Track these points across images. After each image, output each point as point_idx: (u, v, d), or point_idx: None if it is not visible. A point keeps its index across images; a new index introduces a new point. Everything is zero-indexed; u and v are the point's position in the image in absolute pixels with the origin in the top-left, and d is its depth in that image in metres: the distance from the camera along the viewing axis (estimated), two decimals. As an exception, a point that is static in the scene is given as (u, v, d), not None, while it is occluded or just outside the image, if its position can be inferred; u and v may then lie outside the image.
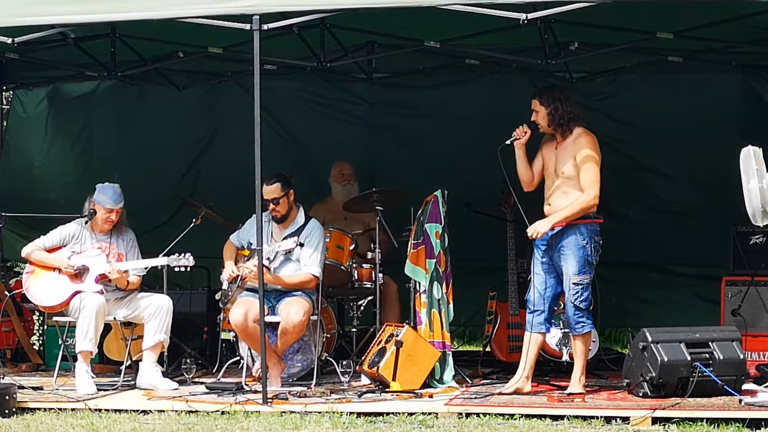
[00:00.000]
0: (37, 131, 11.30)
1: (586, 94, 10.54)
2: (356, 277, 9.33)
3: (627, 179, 10.48)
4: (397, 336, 8.31)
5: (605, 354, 9.41)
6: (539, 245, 8.01)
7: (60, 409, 7.68)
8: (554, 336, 8.91)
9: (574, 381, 7.97)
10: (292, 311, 8.38)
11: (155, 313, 8.57)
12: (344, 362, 8.51)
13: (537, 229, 7.84)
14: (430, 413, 7.32)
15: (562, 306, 8.22)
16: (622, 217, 10.38)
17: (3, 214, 9.06)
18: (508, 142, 8.03)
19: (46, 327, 10.00)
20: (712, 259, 10.04)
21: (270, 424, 7.15)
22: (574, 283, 7.87)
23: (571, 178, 7.90)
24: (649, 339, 7.70)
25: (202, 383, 8.56)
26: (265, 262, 8.16)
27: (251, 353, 8.69)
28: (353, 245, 9.27)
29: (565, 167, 7.91)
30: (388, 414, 7.36)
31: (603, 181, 7.93)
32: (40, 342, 10.37)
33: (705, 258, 10.19)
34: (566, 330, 8.44)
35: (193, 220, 9.41)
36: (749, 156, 7.23)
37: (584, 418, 7.13)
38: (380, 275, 9.13)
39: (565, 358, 8.79)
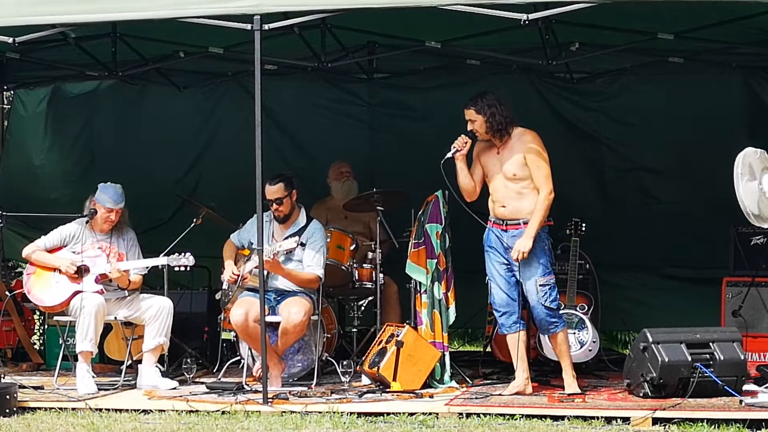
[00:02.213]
0: (38, 131, 11.30)
1: (587, 95, 10.56)
2: (357, 277, 9.33)
3: (627, 180, 10.48)
4: (397, 336, 8.32)
5: (606, 355, 9.41)
6: (494, 249, 7.99)
7: (61, 409, 7.68)
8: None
9: (568, 380, 7.98)
10: (293, 311, 8.39)
11: (156, 316, 8.58)
12: (345, 362, 8.51)
13: (521, 249, 7.78)
14: (430, 413, 7.32)
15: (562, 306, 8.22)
16: (623, 219, 10.40)
17: (4, 213, 9.06)
18: (449, 155, 7.97)
19: (46, 327, 10.00)
20: (713, 260, 10.04)
21: (270, 424, 7.15)
22: (541, 285, 7.86)
23: (523, 178, 7.89)
24: (650, 339, 7.70)
25: (202, 383, 8.56)
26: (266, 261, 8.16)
27: (252, 353, 8.69)
28: (353, 245, 9.28)
29: (514, 169, 7.89)
30: (388, 414, 7.37)
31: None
32: (41, 341, 10.37)
33: (705, 259, 10.19)
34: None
35: (194, 219, 9.42)
36: (747, 157, 7.24)
37: (585, 418, 7.13)
38: (381, 275, 9.13)
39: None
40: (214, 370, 9.19)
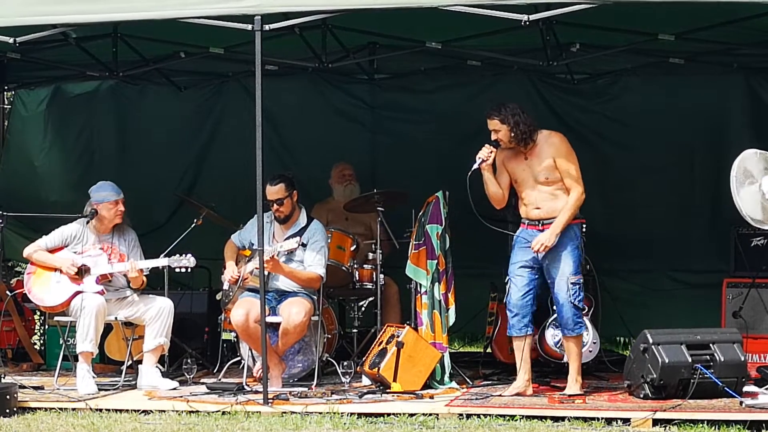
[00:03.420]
0: (39, 131, 11.31)
1: (588, 96, 10.56)
2: (357, 278, 9.33)
3: (627, 181, 10.48)
4: (398, 337, 8.32)
5: (606, 356, 9.41)
6: (523, 246, 7.99)
7: (61, 409, 7.68)
8: (555, 337, 8.91)
9: (572, 382, 7.98)
10: (293, 312, 8.39)
11: (156, 316, 8.57)
12: (345, 363, 8.51)
13: (543, 242, 7.80)
14: (430, 414, 7.32)
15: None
16: (623, 220, 10.40)
17: (4, 213, 9.06)
18: (475, 166, 7.94)
19: (47, 327, 9.99)
20: (714, 261, 10.04)
21: (271, 424, 7.15)
22: (572, 283, 7.87)
23: (555, 181, 7.90)
24: (650, 340, 7.70)
25: (203, 383, 8.56)
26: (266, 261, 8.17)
27: (252, 353, 8.69)
28: (354, 246, 9.28)
29: (546, 173, 7.89)
30: (388, 415, 7.36)
31: None
32: (42, 342, 10.37)
33: (706, 260, 10.19)
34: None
35: (194, 220, 9.42)
36: (743, 162, 7.24)
37: (585, 419, 7.13)
38: (381, 276, 9.13)
39: (567, 359, 8.78)
40: (215, 371, 9.19)
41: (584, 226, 8.08)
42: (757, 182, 7.23)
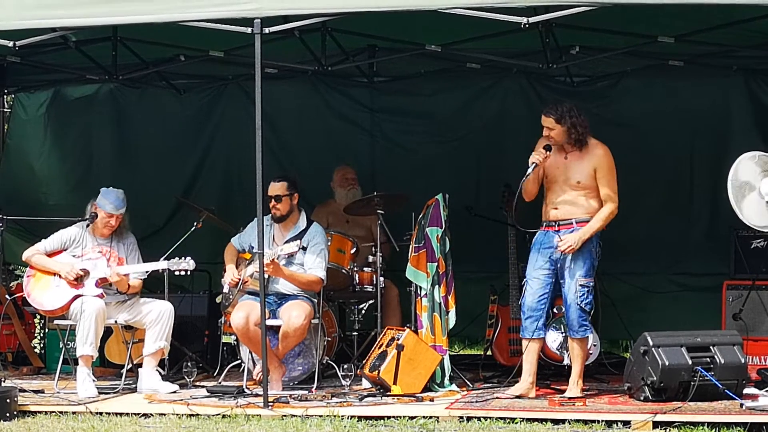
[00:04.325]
0: (38, 134, 11.30)
1: (587, 98, 10.53)
2: (357, 281, 9.33)
3: (628, 183, 10.46)
4: (398, 340, 8.31)
5: (606, 358, 9.40)
6: (543, 248, 7.99)
7: (61, 413, 7.68)
8: (555, 340, 8.91)
9: (572, 385, 7.97)
10: (293, 315, 8.39)
11: (156, 320, 8.57)
12: (345, 366, 8.51)
13: (570, 243, 7.79)
14: (431, 417, 7.32)
15: (562, 310, 8.22)
16: (623, 222, 10.39)
17: (4, 217, 9.06)
18: (530, 171, 7.89)
19: (47, 330, 10.00)
20: (713, 264, 10.04)
21: (271, 427, 7.15)
22: (581, 285, 7.87)
23: (587, 188, 7.88)
24: (651, 343, 7.69)
25: (203, 387, 8.56)
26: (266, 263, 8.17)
27: (252, 356, 8.69)
28: (354, 248, 9.28)
29: (580, 177, 7.87)
30: (389, 418, 7.36)
31: None
32: (42, 345, 10.37)
33: (706, 262, 10.19)
34: (567, 334, 8.42)
35: (195, 223, 9.42)
36: (739, 169, 7.23)
37: (585, 422, 7.13)
38: (381, 279, 9.13)
39: (567, 362, 8.77)
40: (215, 374, 9.20)
41: (601, 234, 8.06)
42: (756, 188, 7.21)
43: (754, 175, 7.25)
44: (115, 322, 8.69)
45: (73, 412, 7.68)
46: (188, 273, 8.74)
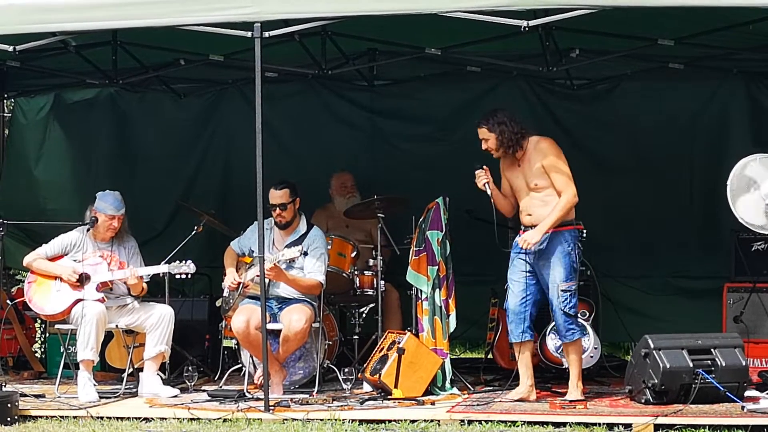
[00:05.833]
0: (38, 138, 11.28)
1: (588, 101, 10.56)
2: (358, 285, 9.32)
3: (628, 186, 10.47)
4: (399, 343, 8.31)
5: (607, 361, 9.40)
6: (519, 256, 8.02)
7: (62, 417, 7.68)
8: (555, 343, 8.91)
9: (572, 387, 7.98)
10: (294, 319, 8.39)
11: (157, 324, 8.57)
12: (346, 369, 8.51)
13: (528, 240, 7.84)
14: (432, 420, 7.32)
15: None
16: (623, 225, 10.40)
17: (4, 221, 9.05)
18: (489, 192, 8.02)
19: (48, 335, 10.00)
20: (714, 266, 10.03)
21: (272, 431, 7.15)
22: (562, 290, 7.87)
23: (544, 187, 7.91)
24: (652, 345, 7.69)
25: (204, 391, 8.56)
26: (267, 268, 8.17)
27: (253, 360, 8.69)
28: (354, 252, 9.27)
29: (535, 179, 7.92)
30: (390, 421, 7.36)
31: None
32: (42, 350, 10.37)
33: (707, 265, 10.18)
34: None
35: (195, 227, 9.42)
36: (746, 167, 7.23)
37: (586, 424, 7.13)
38: (382, 282, 9.13)
39: (566, 365, 8.78)
40: (216, 378, 9.20)
41: (583, 233, 8.06)
42: (760, 188, 7.22)
43: (760, 176, 7.25)
44: (116, 326, 8.69)
45: (74, 417, 7.68)
46: (189, 276, 8.74)
